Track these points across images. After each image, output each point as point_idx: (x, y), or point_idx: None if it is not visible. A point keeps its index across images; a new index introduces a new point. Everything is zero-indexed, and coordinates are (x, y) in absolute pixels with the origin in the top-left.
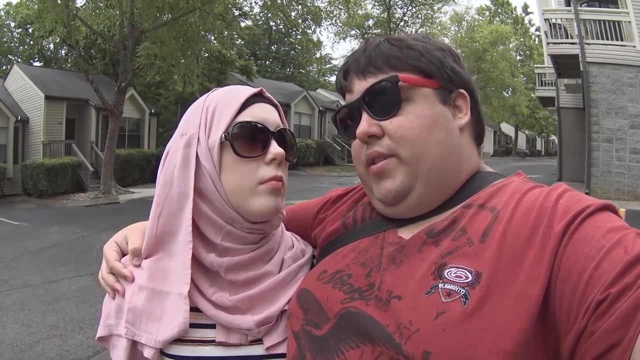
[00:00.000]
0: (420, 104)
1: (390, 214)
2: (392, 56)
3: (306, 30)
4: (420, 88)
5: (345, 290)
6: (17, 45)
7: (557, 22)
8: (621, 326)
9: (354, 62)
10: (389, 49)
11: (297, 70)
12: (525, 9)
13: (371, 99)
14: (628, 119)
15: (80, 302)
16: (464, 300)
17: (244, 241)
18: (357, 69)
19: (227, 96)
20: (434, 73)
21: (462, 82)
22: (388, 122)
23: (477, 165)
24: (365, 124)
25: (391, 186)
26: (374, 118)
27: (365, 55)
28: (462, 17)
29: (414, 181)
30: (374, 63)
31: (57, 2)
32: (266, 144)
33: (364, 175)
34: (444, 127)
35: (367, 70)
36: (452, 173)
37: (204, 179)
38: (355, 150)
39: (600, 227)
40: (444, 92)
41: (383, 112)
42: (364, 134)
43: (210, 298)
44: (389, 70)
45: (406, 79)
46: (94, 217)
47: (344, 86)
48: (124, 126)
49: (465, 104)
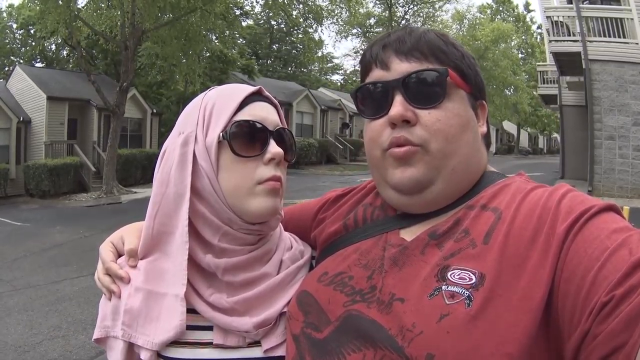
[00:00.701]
0: (458, 103)
1: (401, 205)
2: (439, 48)
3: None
4: (459, 88)
5: (346, 293)
6: (19, 46)
7: (559, 20)
8: (626, 328)
9: (396, 40)
10: (436, 40)
11: (299, 69)
12: (527, 6)
13: (413, 84)
14: (631, 116)
15: (83, 303)
16: (467, 302)
17: (242, 242)
18: (399, 49)
19: (225, 94)
20: (470, 78)
21: (484, 94)
22: (426, 112)
23: (485, 167)
24: (401, 106)
25: (412, 174)
26: (410, 104)
27: (412, 38)
28: (463, 16)
29: (436, 175)
30: (421, 49)
31: (59, 3)
32: (265, 143)
33: (378, 160)
34: (473, 130)
35: (411, 54)
36: (471, 174)
37: (201, 178)
38: (375, 131)
39: (604, 228)
40: (473, 98)
41: (423, 100)
42: (400, 116)
43: (208, 299)
44: (434, 61)
45: (453, 76)
46: (97, 218)
47: (379, 59)
48: (126, 126)
49: (484, 115)
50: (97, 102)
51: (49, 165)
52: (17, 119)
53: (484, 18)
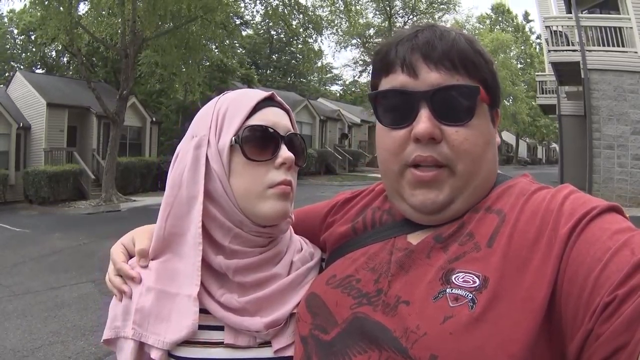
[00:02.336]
0: (483, 120)
1: (421, 221)
2: (468, 59)
3: (307, 39)
4: (482, 103)
5: (353, 295)
6: (20, 52)
7: (558, 30)
8: (628, 328)
9: (426, 44)
10: (467, 49)
11: (298, 79)
12: (526, 16)
13: (443, 99)
14: (629, 125)
15: (82, 309)
16: (471, 304)
17: (252, 244)
18: (428, 54)
19: (238, 99)
20: (492, 89)
21: (500, 101)
22: (454, 130)
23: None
24: (430, 123)
25: (437, 198)
26: (438, 119)
27: (443, 44)
28: (463, 26)
29: (458, 195)
30: (451, 58)
31: (60, 9)
32: (276, 148)
33: (395, 174)
34: (494, 147)
35: (442, 63)
36: (487, 190)
37: (213, 181)
38: (396, 144)
39: (607, 229)
40: (491, 109)
41: (452, 117)
42: (427, 134)
43: (219, 300)
44: (463, 73)
45: (482, 94)
46: (96, 225)
47: (407, 64)
48: (126, 134)
49: (498, 122)
50: (97, 110)
51: (48, 172)
52: (17, 125)
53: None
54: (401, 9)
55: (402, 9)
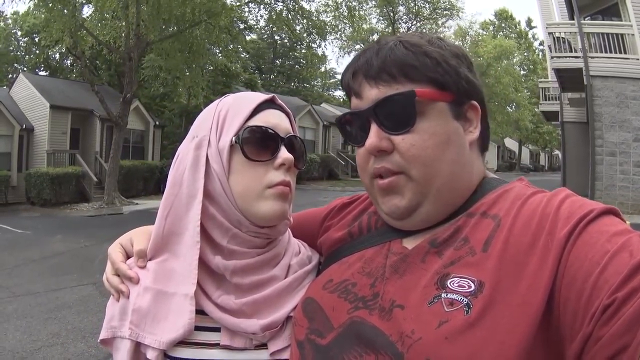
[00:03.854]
0: (434, 121)
1: (397, 226)
2: (407, 64)
3: (311, 44)
4: (435, 102)
5: (350, 300)
6: (23, 54)
7: (560, 36)
8: (628, 330)
9: (365, 64)
10: (405, 54)
11: (302, 85)
12: (529, 23)
13: (383, 111)
14: (632, 132)
15: (83, 311)
16: (466, 309)
17: (250, 245)
18: (368, 74)
19: (239, 101)
20: (450, 85)
21: (474, 93)
22: (400, 139)
23: (482, 173)
24: (376, 137)
25: (400, 203)
26: (385, 131)
27: (379, 60)
28: (466, 32)
29: (422, 199)
30: (388, 70)
31: (64, 12)
32: (276, 149)
33: (368, 186)
34: (457, 145)
35: (379, 78)
36: (461, 190)
37: (213, 181)
38: (362, 159)
39: (604, 232)
40: (457, 105)
41: (395, 126)
42: (374, 147)
43: (216, 301)
44: (404, 81)
45: (423, 94)
46: (98, 228)
47: (352, 88)
48: (129, 137)
49: (476, 117)
50: (100, 113)
51: (50, 173)
52: (20, 127)
53: (486, 35)
54: (404, 15)
55: (405, 14)
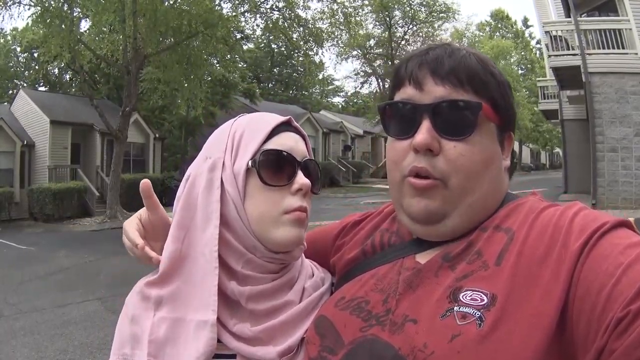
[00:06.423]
0: (486, 137)
1: (416, 232)
2: (477, 76)
3: (308, 51)
4: (489, 121)
5: (363, 318)
6: (23, 70)
7: (557, 34)
8: None
9: (434, 60)
10: (476, 67)
11: (300, 92)
12: (525, 22)
13: (444, 112)
14: (633, 127)
15: (89, 327)
16: (479, 322)
17: (264, 270)
18: (436, 70)
19: (255, 123)
20: (502, 109)
21: (513, 125)
22: (452, 145)
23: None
24: (428, 135)
25: (428, 206)
26: (438, 132)
27: (451, 61)
28: (462, 34)
29: (452, 210)
30: (458, 75)
31: (62, 27)
32: (293, 173)
33: (397, 183)
34: (496, 166)
35: (448, 78)
36: (489, 208)
37: (228, 205)
38: (398, 153)
39: (618, 244)
40: (502, 130)
41: (451, 131)
42: (424, 145)
43: (232, 330)
44: (469, 90)
45: (486, 109)
46: (101, 242)
47: (414, 77)
48: (129, 151)
49: (510, 147)
50: (100, 127)
51: (53, 189)
52: (21, 143)
53: (483, 36)
54: (401, 19)
55: (401, 18)
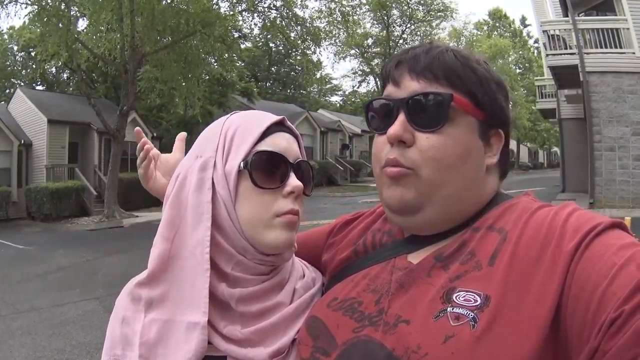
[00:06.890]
0: (462, 130)
1: (396, 223)
2: (453, 72)
3: (306, 50)
4: (467, 115)
5: (356, 319)
6: (20, 69)
7: (555, 34)
8: (636, 343)
9: (412, 58)
10: (453, 62)
11: (298, 91)
12: (523, 21)
13: (416, 105)
14: (630, 126)
15: (87, 326)
16: (472, 323)
17: (254, 272)
18: (412, 67)
19: (247, 122)
20: (485, 105)
21: (503, 122)
22: (424, 137)
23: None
24: (400, 126)
25: (404, 196)
26: (411, 125)
27: (427, 58)
28: (460, 33)
29: (426, 201)
30: (433, 70)
31: (59, 25)
32: (285, 175)
33: (378, 175)
34: (475, 161)
35: (423, 74)
36: (468, 204)
37: (218, 205)
38: (378, 146)
39: (612, 245)
40: (485, 126)
41: (423, 123)
42: (395, 136)
43: (222, 331)
44: (445, 84)
45: (459, 101)
46: (99, 241)
47: (391, 75)
48: (127, 150)
49: (498, 145)
50: (97, 126)
51: (50, 188)
52: (19, 142)
53: (480, 35)
54: (398, 18)
55: (399, 17)
